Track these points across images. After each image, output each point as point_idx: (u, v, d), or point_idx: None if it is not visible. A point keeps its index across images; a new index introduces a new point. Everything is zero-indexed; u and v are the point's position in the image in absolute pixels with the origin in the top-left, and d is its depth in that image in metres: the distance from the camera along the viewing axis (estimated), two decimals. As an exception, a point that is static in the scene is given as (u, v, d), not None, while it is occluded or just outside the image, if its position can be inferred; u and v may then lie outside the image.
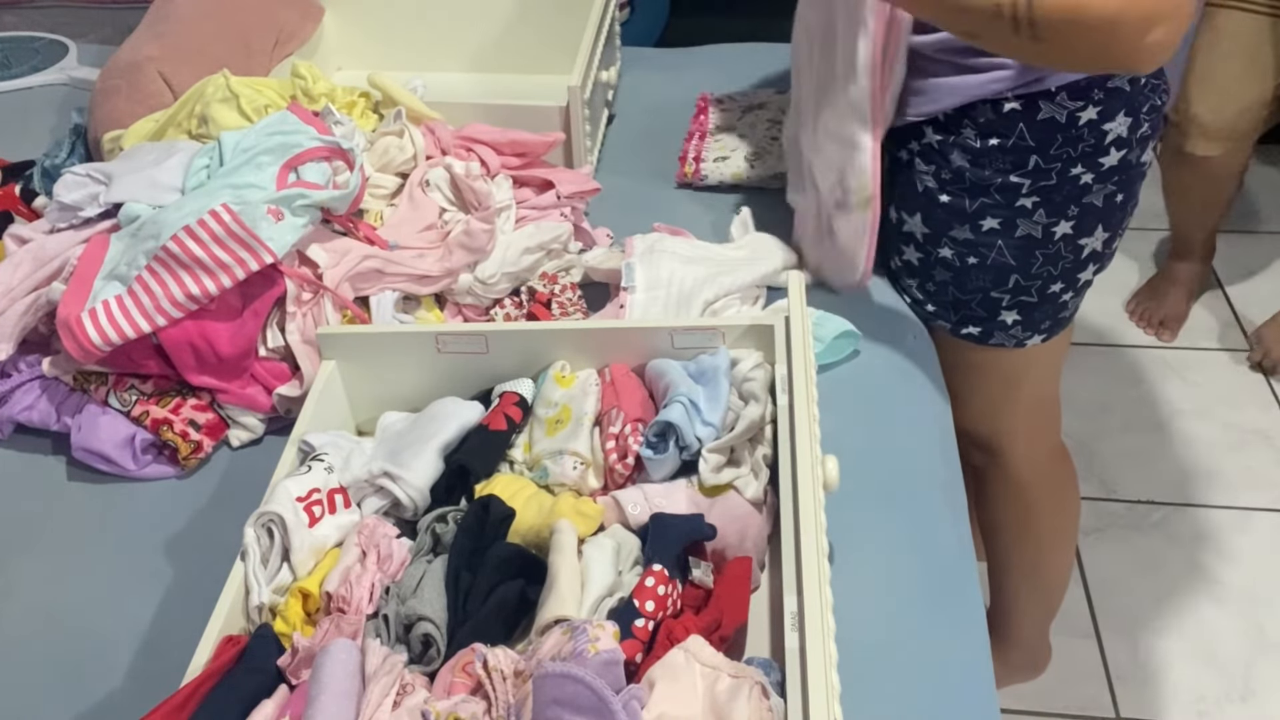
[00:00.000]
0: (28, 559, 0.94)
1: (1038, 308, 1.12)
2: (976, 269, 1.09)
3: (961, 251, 1.09)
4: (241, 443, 1.03)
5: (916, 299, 1.16)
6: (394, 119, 1.19)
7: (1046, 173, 1.02)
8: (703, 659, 0.67)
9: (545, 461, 0.86)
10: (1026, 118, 1.00)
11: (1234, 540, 1.88)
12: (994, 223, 1.06)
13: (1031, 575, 1.45)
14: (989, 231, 1.06)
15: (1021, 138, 1.01)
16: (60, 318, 0.94)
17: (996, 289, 1.10)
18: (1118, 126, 1.01)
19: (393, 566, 0.77)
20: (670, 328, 0.90)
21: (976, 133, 1.02)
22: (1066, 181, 1.03)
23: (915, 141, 1.08)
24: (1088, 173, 1.02)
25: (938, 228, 1.09)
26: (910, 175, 1.09)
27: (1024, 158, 1.02)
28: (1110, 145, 1.02)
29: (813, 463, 0.74)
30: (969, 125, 1.03)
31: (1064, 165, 1.02)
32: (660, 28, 2.06)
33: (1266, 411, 2.12)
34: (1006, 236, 1.06)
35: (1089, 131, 1.00)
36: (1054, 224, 1.05)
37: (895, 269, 1.17)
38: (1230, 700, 1.65)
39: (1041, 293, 1.10)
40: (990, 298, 1.11)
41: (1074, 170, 1.02)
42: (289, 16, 1.41)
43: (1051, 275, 1.09)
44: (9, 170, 1.27)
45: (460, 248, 1.07)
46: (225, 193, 0.99)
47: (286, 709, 0.67)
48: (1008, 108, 1.00)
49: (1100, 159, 1.02)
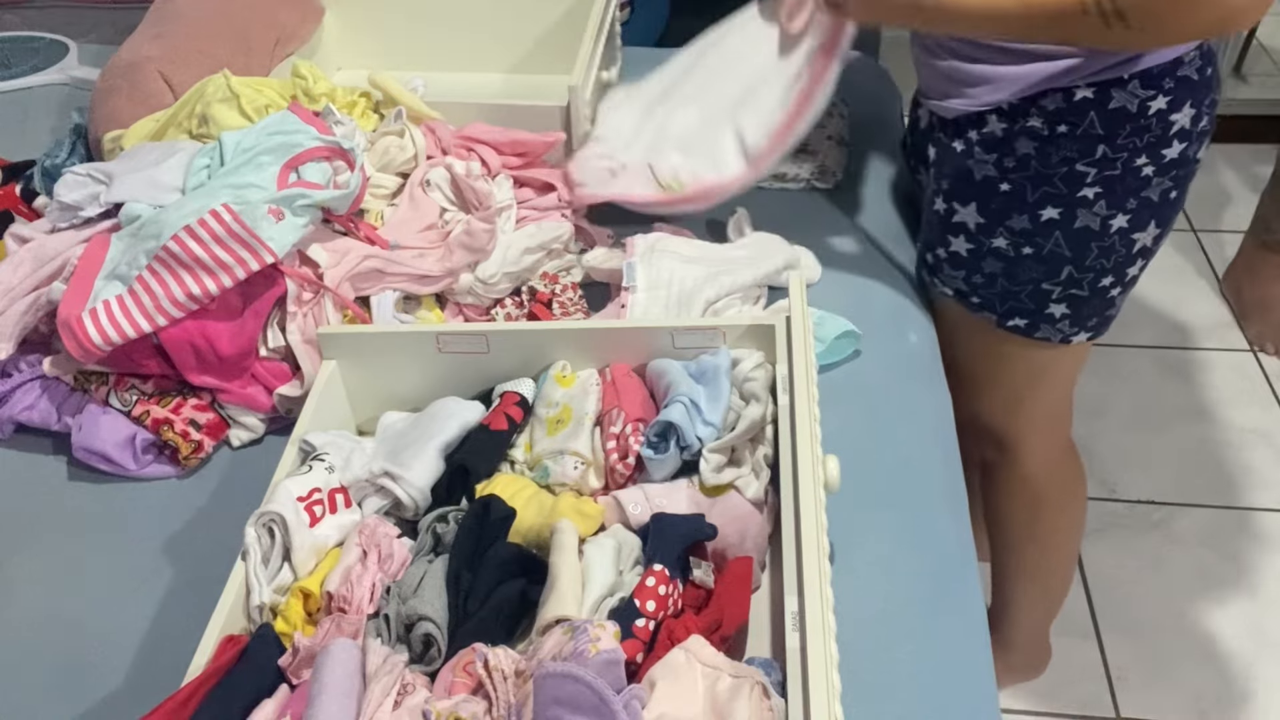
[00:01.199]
0: (28, 559, 0.94)
1: (1087, 302, 1.12)
2: (1031, 259, 1.09)
3: (1017, 241, 1.08)
4: (242, 442, 1.03)
5: (960, 291, 1.15)
6: (394, 119, 1.19)
7: (1112, 162, 1.02)
8: (703, 659, 0.67)
9: (546, 461, 0.86)
10: (1098, 106, 1.00)
11: (1234, 540, 1.88)
12: (1054, 212, 1.05)
13: (1036, 574, 1.45)
14: (1047, 222, 1.06)
15: (1091, 126, 1.01)
16: (61, 317, 0.94)
17: (1048, 280, 1.10)
18: (1182, 118, 1.01)
19: (393, 566, 0.77)
20: (671, 328, 0.90)
21: (1044, 120, 1.02)
22: (1129, 173, 1.03)
23: (975, 130, 1.07)
24: (1150, 164, 1.02)
25: (994, 217, 1.08)
26: (966, 164, 1.09)
27: (1092, 146, 1.02)
28: (1174, 137, 1.02)
29: (814, 463, 0.74)
30: (1037, 113, 1.02)
31: (1129, 155, 1.02)
32: (660, 28, 2.05)
33: (1266, 411, 2.12)
34: (1065, 227, 1.06)
35: (1157, 122, 1.01)
36: (1112, 216, 1.05)
37: (936, 261, 1.16)
38: (1230, 700, 1.65)
39: (1093, 286, 1.10)
40: (1041, 289, 1.11)
41: (1138, 161, 1.02)
42: (289, 16, 1.41)
43: (1104, 269, 1.09)
44: (9, 170, 1.27)
45: (461, 247, 1.07)
46: (226, 193, 0.99)
47: (287, 709, 0.67)
48: (1079, 95, 1.00)
49: (1163, 150, 1.02)
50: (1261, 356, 2.24)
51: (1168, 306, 2.36)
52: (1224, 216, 2.60)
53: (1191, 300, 2.39)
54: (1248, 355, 2.25)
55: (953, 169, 1.10)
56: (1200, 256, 2.50)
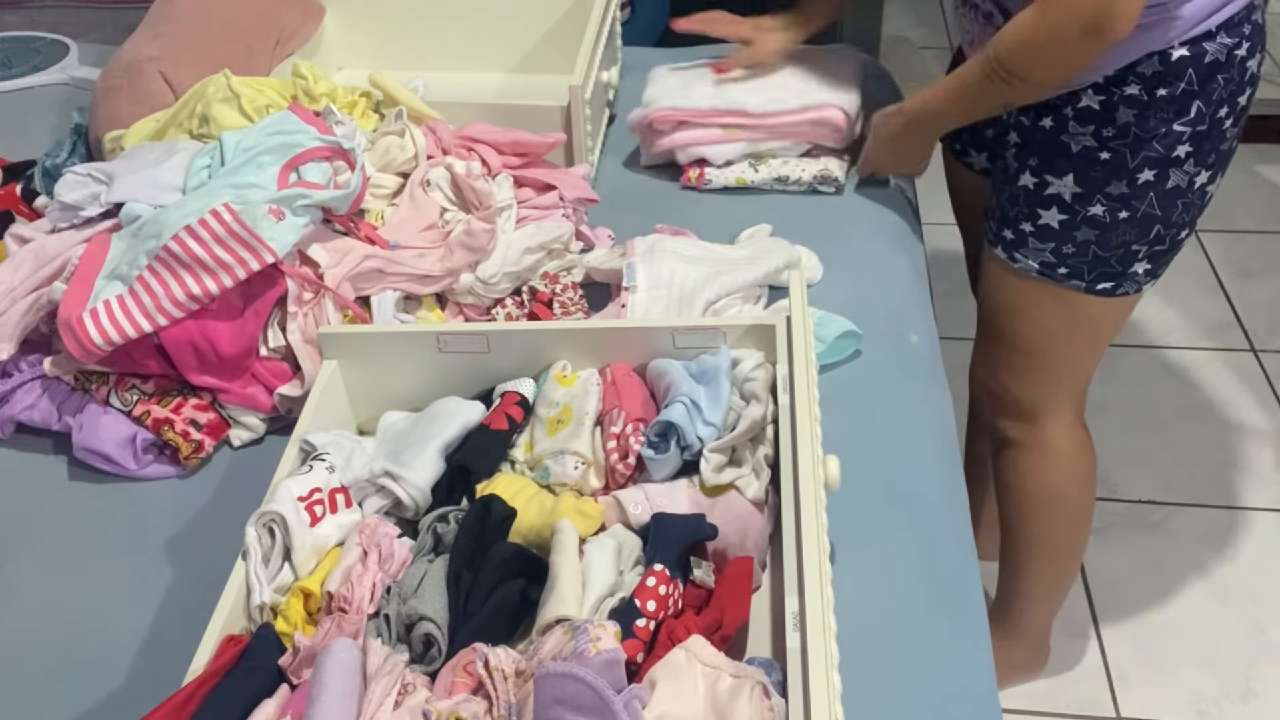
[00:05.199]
0: (28, 559, 0.94)
1: (1165, 255, 1.17)
2: (1126, 223, 1.12)
3: (1114, 207, 1.11)
4: (243, 442, 1.03)
5: (1047, 263, 1.18)
6: (395, 119, 1.19)
7: (1203, 117, 1.06)
8: (704, 659, 0.67)
9: (546, 461, 0.86)
10: (1195, 63, 1.03)
11: (1234, 540, 1.88)
12: (1150, 174, 1.09)
13: (1053, 558, 1.46)
14: (1143, 184, 1.10)
15: (1190, 83, 1.04)
16: (61, 317, 0.94)
17: (1139, 241, 1.14)
18: (1254, 63, 1.06)
19: (394, 566, 0.77)
20: (671, 327, 0.90)
21: (1142, 87, 1.05)
22: (1214, 126, 1.07)
23: (1069, 107, 1.10)
24: (1230, 114, 1.07)
25: (1092, 185, 1.12)
26: (1058, 139, 1.12)
27: (1188, 104, 1.05)
28: (1247, 83, 1.06)
29: (814, 462, 0.74)
30: (1135, 80, 1.05)
31: (1216, 107, 1.06)
32: (660, 28, 2.05)
33: (1266, 411, 2.12)
34: (1159, 187, 1.10)
35: (1238, 70, 1.05)
36: (1198, 173, 1.10)
37: (1018, 237, 1.19)
38: (1230, 700, 1.65)
39: (1173, 240, 1.15)
40: (1130, 250, 1.14)
41: (1220, 112, 1.06)
42: (290, 16, 1.41)
43: (1184, 223, 1.14)
44: (10, 170, 1.27)
45: (461, 247, 1.07)
46: (226, 192, 0.99)
47: (288, 709, 0.67)
48: (1176, 55, 1.03)
49: (1239, 98, 1.07)
50: (1262, 356, 2.24)
51: (1168, 306, 2.36)
52: (1224, 216, 2.60)
53: (1191, 300, 2.39)
54: (1248, 355, 2.25)
55: (1045, 145, 1.14)
56: (1200, 256, 2.50)
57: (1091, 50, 0.98)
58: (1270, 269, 2.46)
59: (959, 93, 1.11)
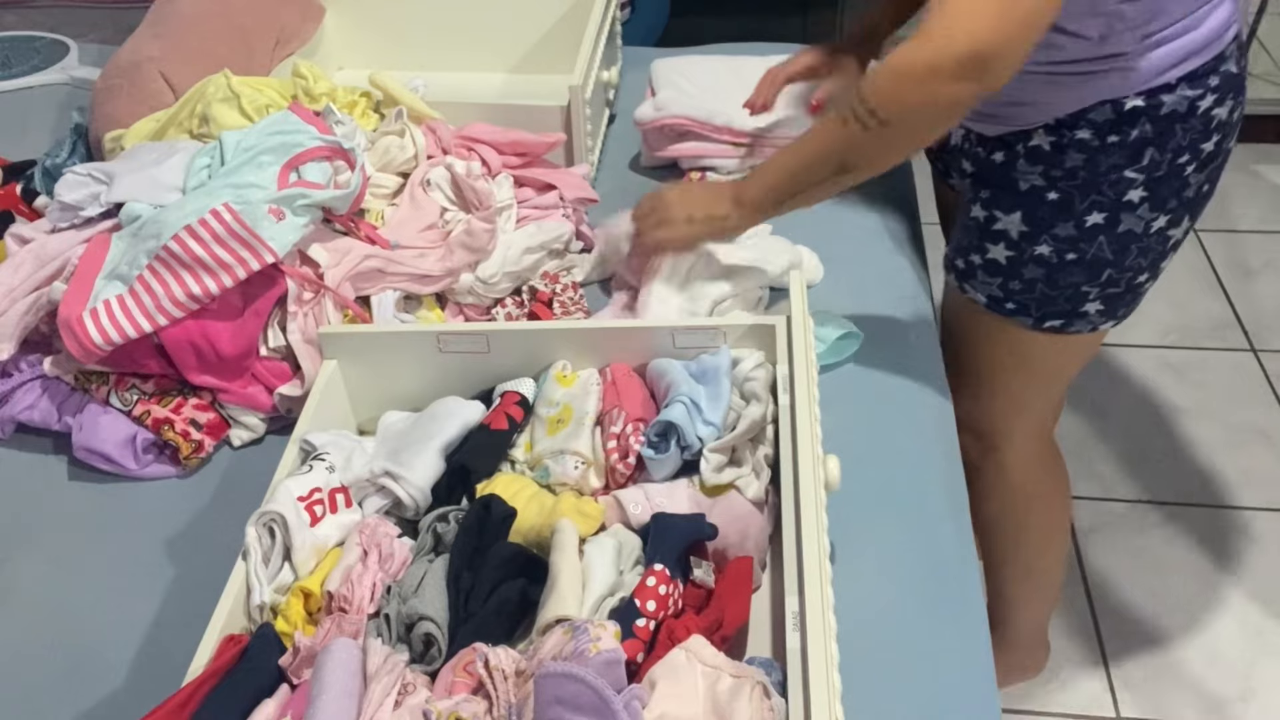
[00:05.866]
0: (28, 559, 0.94)
1: (1120, 297, 1.13)
2: (1074, 265, 1.09)
3: (1061, 248, 1.08)
4: (243, 442, 1.03)
5: (994, 297, 1.15)
6: (395, 118, 1.19)
7: (1158, 164, 1.02)
8: (704, 659, 0.67)
9: (546, 461, 0.86)
10: (1150, 113, 1.00)
11: (1234, 540, 1.88)
12: (1099, 218, 1.06)
13: (1028, 572, 1.45)
14: (1092, 227, 1.06)
15: (1144, 132, 1.01)
16: (61, 317, 0.94)
17: (1089, 283, 1.10)
18: (1223, 111, 1.02)
19: (394, 566, 0.77)
20: (671, 327, 0.90)
21: (1094, 132, 1.02)
22: (1173, 172, 1.03)
23: (1021, 144, 1.07)
24: (1192, 161, 1.03)
25: (1039, 225, 1.08)
26: (1009, 174, 1.09)
27: (1140, 151, 1.02)
28: (1213, 130, 1.03)
29: (814, 462, 0.74)
30: (1086, 125, 1.02)
31: (1174, 156, 1.02)
32: (660, 28, 2.06)
33: (1266, 411, 2.12)
34: (1110, 231, 1.06)
35: (1200, 120, 1.01)
36: (1155, 218, 1.06)
37: (969, 267, 1.16)
38: (1230, 700, 1.65)
39: (1129, 283, 1.11)
40: (1080, 292, 1.11)
41: (1180, 160, 1.03)
42: (290, 16, 1.41)
43: (1141, 267, 1.10)
44: (10, 170, 1.27)
45: (461, 247, 1.07)
46: (226, 192, 0.99)
47: (288, 708, 0.67)
48: (1130, 105, 1.00)
49: (1202, 145, 1.03)
50: (1262, 356, 2.24)
51: (1168, 306, 2.36)
52: (1224, 216, 2.60)
53: (1191, 300, 2.39)
54: (1248, 355, 2.25)
55: (995, 179, 1.11)
56: (1200, 256, 2.50)
57: (962, 95, 0.87)
58: (1270, 269, 2.46)
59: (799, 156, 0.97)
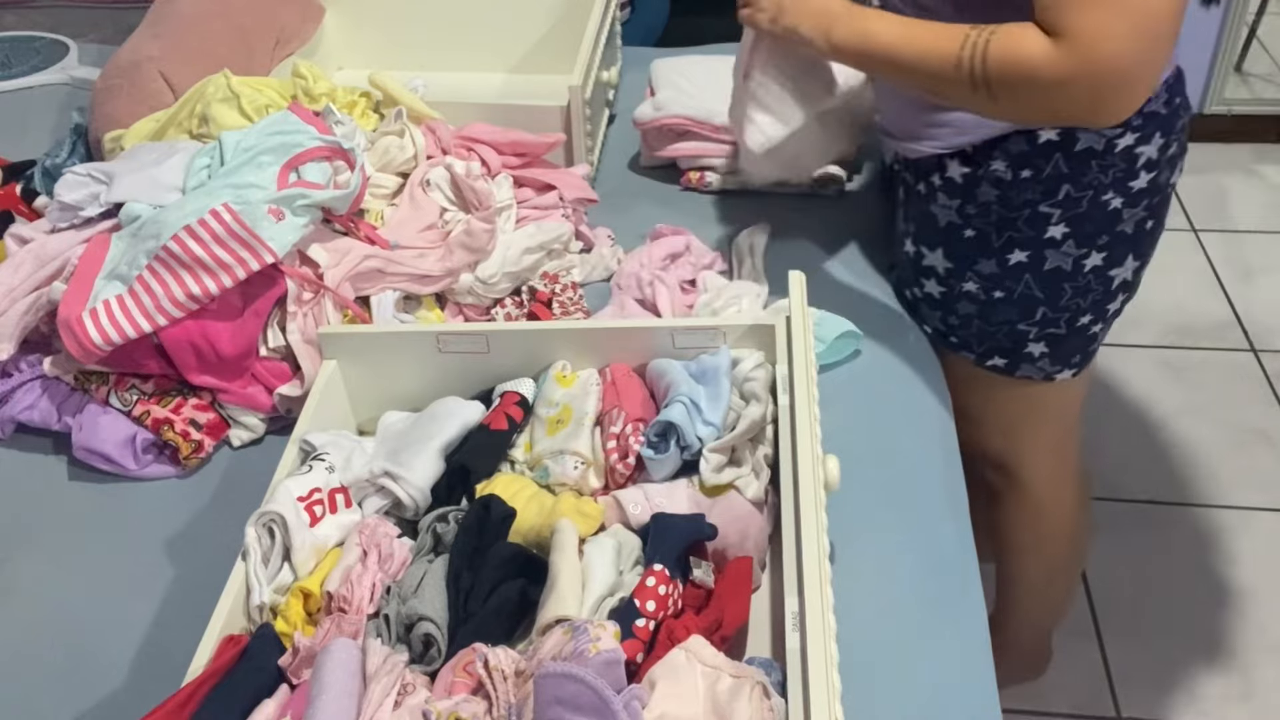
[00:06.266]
0: (28, 559, 0.93)
1: (1066, 340, 1.09)
2: (1003, 303, 1.06)
3: (987, 285, 1.06)
4: (242, 442, 1.03)
5: (939, 330, 1.13)
6: (395, 119, 1.19)
7: (1077, 201, 1.00)
8: (704, 659, 0.67)
9: (546, 461, 0.86)
10: (1064, 148, 0.98)
11: (1234, 540, 1.88)
12: (1022, 256, 1.03)
13: (1039, 589, 1.44)
14: (1015, 265, 1.04)
15: (1056, 167, 0.98)
16: (61, 317, 0.94)
17: (1024, 321, 1.08)
18: (1150, 149, 0.99)
19: (394, 566, 0.77)
20: (671, 327, 0.90)
21: (1008, 164, 0.99)
22: (1096, 208, 1.00)
23: (937, 174, 1.05)
24: (1117, 198, 1.00)
25: (961, 262, 1.06)
26: (929, 208, 1.07)
27: (1055, 187, 0.99)
28: (1141, 168, 0.99)
29: (814, 462, 0.74)
30: (1000, 157, 1.00)
31: (1095, 193, 0.99)
32: (660, 28, 2.05)
33: (1266, 411, 2.12)
34: (1034, 269, 1.04)
35: (1122, 157, 0.98)
36: (1084, 256, 1.02)
37: (913, 300, 1.14)
38: (1230, 700, 1.65)
39: (1070, 325, 1.08)
40: (1017, 330, 1.08)
41: (1104, 196, 1.00)
42: (290, 16, 1.41)
43: (1080, 307, 1.06)
44: (10, 170, 1.27)
45: (461, 247, 1.07)
46: (226, 192, 0.99)
47: (287, 709, 0.67)
48: (1044, 138, 0.97)
49: (1130, 183, 0.99)
50: (1262, 356, 2.24)
51: (1168, 306, 2.36)
52: (1224, 216, 2.60)
53: (1191, 300, 2.39)
54: (1248, 355, 2.25)
55: (918, 212, 1.09)
56: (1200, 256, 2.50)
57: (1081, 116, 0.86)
58: (1270, 269, 2.46)
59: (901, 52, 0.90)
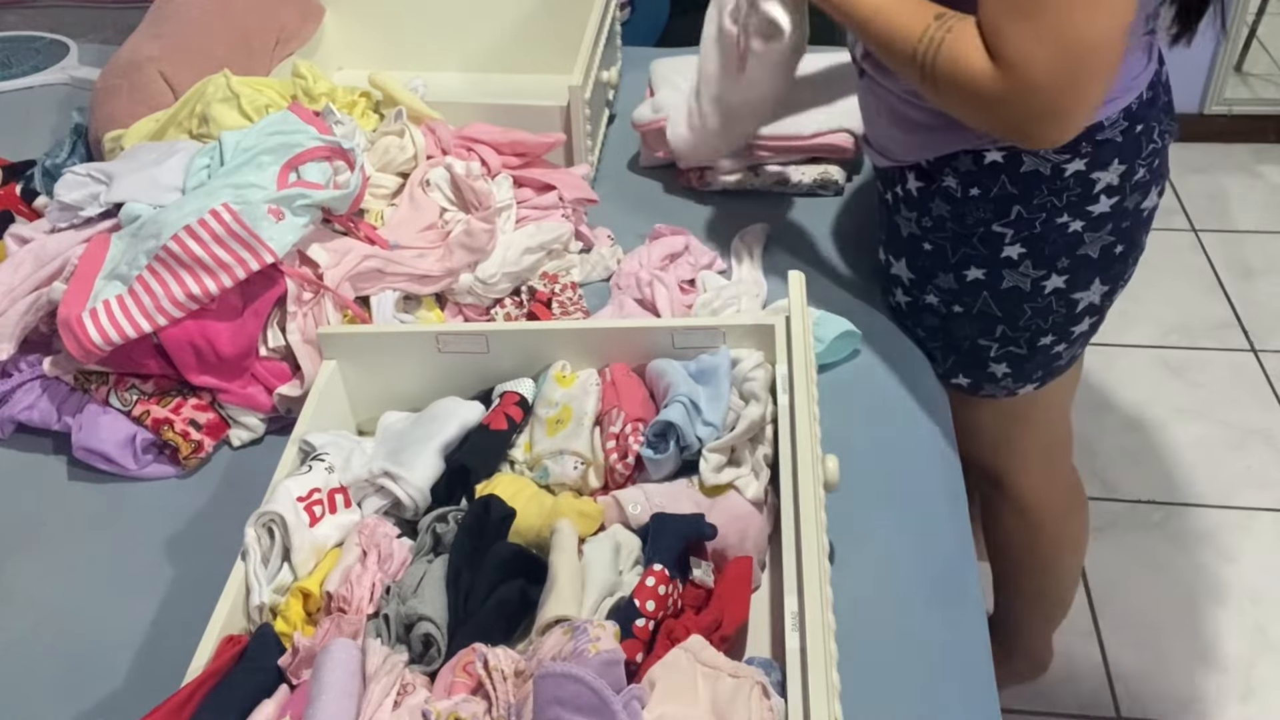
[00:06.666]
0: (28, 559, 0.93)
1: (1028, 360, 1.08)
2: (962, 318, 1.06)
3: (946, 299, 1.06)
4: (242, 442, 1.03)
5: (916, 338, 1.13)
6: (395, 119, 1.19)
7: (1030, 222, 0.98)
8: (703, 659, 0.67)
9: (546, 461, 0.86)
10: (1009, 169, 0.96)
11: (1234, 540, 1.88)
12: (979, 273, 1.02)
13: (1036, 596, 1.44)
14: (973, 282, 1.03)
15: (1004, 188, 0.97)
16: (61, 317, 0.94)
17: (984, 337, 1.07)
18: (1108, 175, 0.96)
19: (393, 566, 0.77)
20: (671, 327, 0.90)
21: (958, 181, 0.99)
22: (1054, 231, 0.98)
23: (900, 186, 1.05)
24: (1076, 221, 0.98)
25: (922, 274, 1.07)
26: (895, 219, 1.07)
27: (1006, 207, 0.98)
28: (1100, 194, 0.97)
29: (813, 462, 0.74)
30: (949, 174, 0.99)
31: (1049, 215, 0.98)
32: (660, 28, 2.05)
33: (1266, 411, 2.12)
34: (991, 287, 1.03)
35: (1075, 181, 0.96)
36: (1044, 277, 1.01)
37: (896, 307, 1.14)
38: (1230, 700, 1.65)
39: (1031, 345, 1.07)
40: (978, 345, 1.08)
41: (1060, 220, 0.98)
42: (290, 16, 1.41)
43: (1041, 329, 1.05)
44: (10, 170, 1.27)
45: (461, 247, 1.07)
46: (226, 192, 0.99)
47: (287, 709, 0.67)
48: (989, 159, 0.97)
49: (1088, 207, 0.97)
50: (1262, 356, 2.24)
51: (1168, 306, 2.36)
52: (1224, 216, 2.60)
53: (1191, 300, 2.39)
54: (1248, 355, 2.25)
55: (886, 220, 1.09)
56: (1200, 256, 2.50)
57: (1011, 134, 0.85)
58: (1270, 269, 2.46)
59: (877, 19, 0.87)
